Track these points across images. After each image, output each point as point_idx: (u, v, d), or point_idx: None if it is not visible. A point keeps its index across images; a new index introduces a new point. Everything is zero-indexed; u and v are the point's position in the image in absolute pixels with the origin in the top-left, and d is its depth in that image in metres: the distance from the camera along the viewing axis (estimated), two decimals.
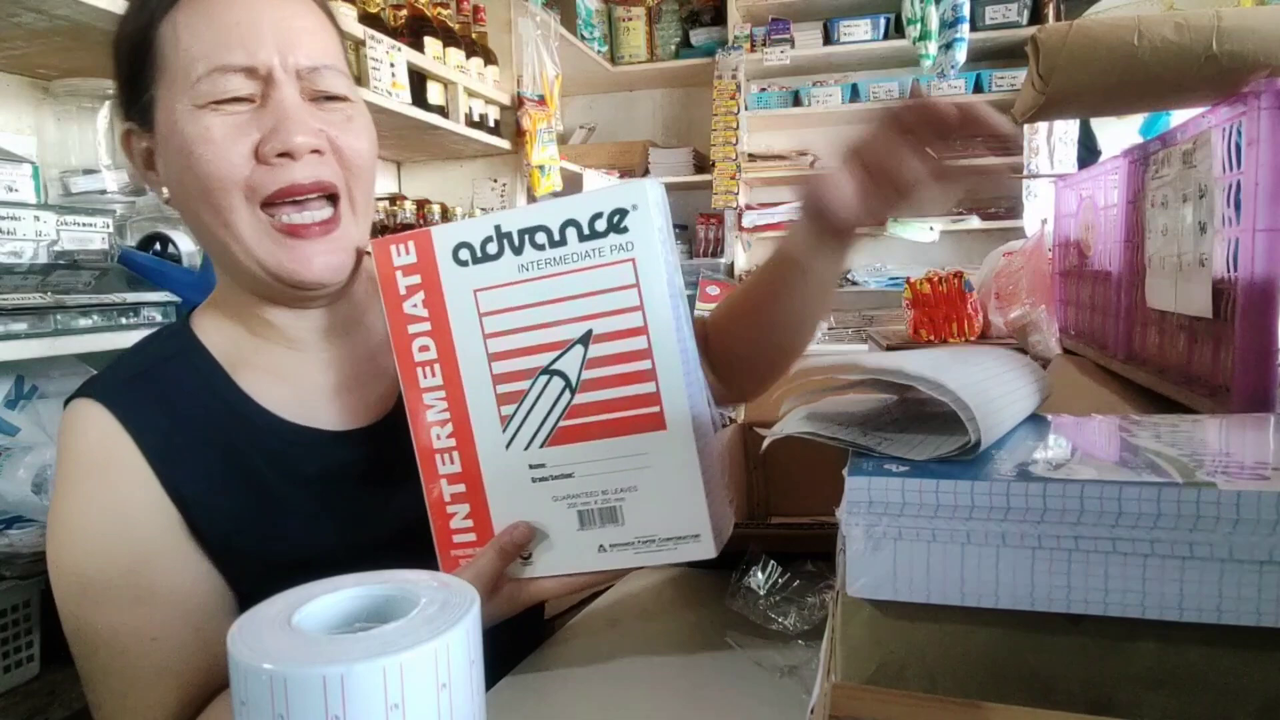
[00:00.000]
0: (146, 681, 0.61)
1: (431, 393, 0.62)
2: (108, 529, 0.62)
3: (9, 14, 1.14)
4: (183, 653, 0.62)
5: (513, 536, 0.60)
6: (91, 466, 0.63)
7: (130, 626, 0.61)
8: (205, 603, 0.64)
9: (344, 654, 0.33)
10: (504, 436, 0.60)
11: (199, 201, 0.63)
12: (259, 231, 0.63)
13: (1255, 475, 0.34)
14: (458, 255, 0.59)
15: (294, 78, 0.63)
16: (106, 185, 1.36)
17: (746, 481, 0.99)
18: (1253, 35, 0.59)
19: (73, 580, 0.61)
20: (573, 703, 0.62)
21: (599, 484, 0.59)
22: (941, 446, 0.37)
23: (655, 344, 0.56)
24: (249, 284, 0.67)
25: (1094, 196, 0.98)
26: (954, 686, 0.35)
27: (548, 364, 0.58)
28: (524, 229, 0.58)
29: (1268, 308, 0.58)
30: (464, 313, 0.60)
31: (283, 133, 0.61)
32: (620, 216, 0.56)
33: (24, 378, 1.20)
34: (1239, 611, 0.31)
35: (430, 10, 2.23)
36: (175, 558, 0.63)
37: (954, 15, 2.42)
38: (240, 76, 0.61)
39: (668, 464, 0.57)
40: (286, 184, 0.62)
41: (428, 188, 2.65)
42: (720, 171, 3.31)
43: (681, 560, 0.60)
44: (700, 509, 0.57)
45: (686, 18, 3.59)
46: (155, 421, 0.64)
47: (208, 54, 0.61)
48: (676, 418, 0.57)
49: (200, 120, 0.61)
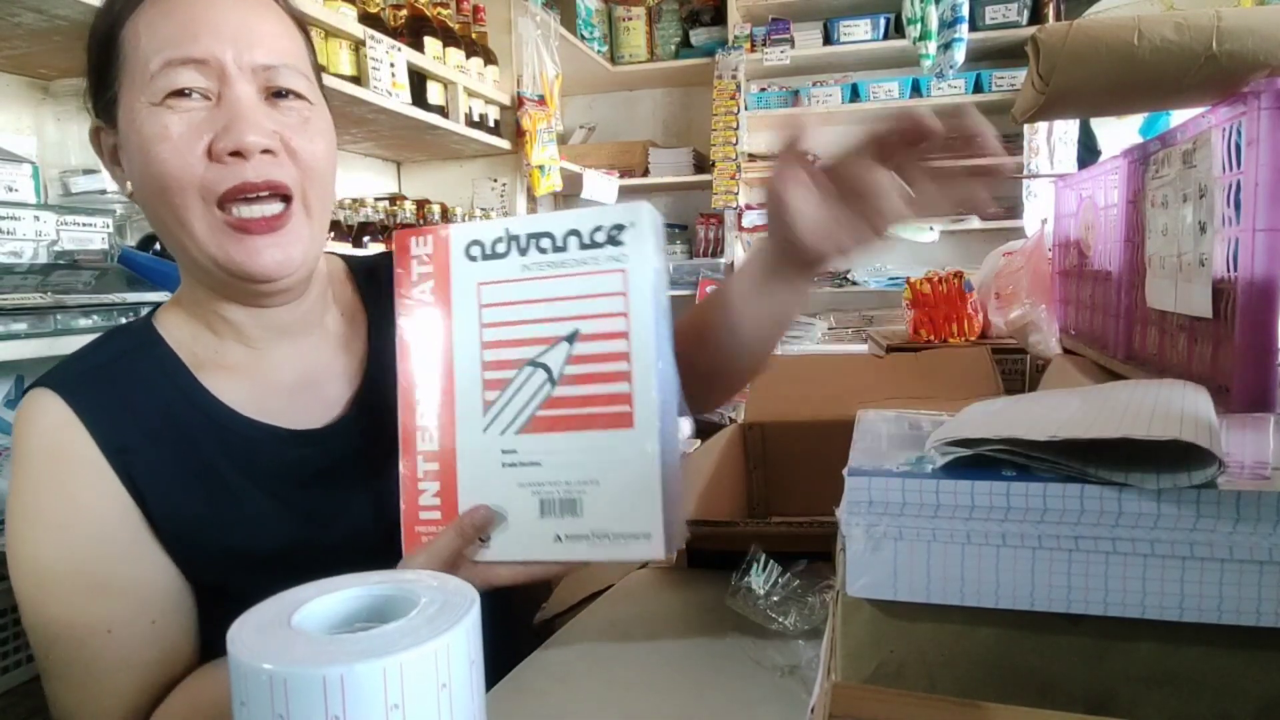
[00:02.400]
0: (104, 673, 0.62)
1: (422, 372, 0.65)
2: (63, 520, 0.62)
3: (9, 14, 1.14)
4: (140, 644, 0.63)
5: (473, 519, 0.61)
6: (46, 457, 0.63)
7: (87, 618, 0.61)
8: (162, 595, 0.65)
9: (344, 654, 0.33)
10: (484, 420, 0.63)
11: (157, 199, 0.64)
12: (212, 228, 0.63)
13: (1255, 475, 0.34)
14: (469, 251, 0.64)
15: (249, 74, 0.63)
16: (106, 185, 1.36)
17: (746, 481, 0.99)
18: (1253, 35, 0.59)
19: (29, 571, 0.62)
20: (573, 703, 0.62)
21: (564, 474, 0.61)
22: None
23: (634, 349, 0.60)
24: (206, 280, 0.68)
25: (1094, 196, 0.98)
26: (954, 686, 0.35)
27: (534, 357, 0.62)
28: (531, 233, 0.62)
29: (1268, 308, 0.57)
30: (466, 302, 0.64)
31: (234, 131, 0.61)
32: (618, 231, 0.60)
33: (24, 378, 1.21)
34: (1239, 611, 0.31)
35: (430, 10, 2.23)
36: (131, 550, 0.64)
37: (954, 15, 2.42)
38: (192, 70, 0.61)
39: (630, 461, 0.60)
40: (238, 182, 0.62)
41: (428, 188, 2.65)
42: (720, 171, 3.31)
43: (632, 559, 0.61)
44: (655, 509, 0.59)
45: (686, 18, 3.58)
46: (112, 414, 0.64)
47: (162, 48, 0.61)
48: (645, 418, 0.59)
49: (158, 119, 0.62)
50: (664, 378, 0.60)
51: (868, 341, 1.45)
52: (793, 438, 0.97)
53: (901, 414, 0.50)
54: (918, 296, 1.31)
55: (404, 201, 2.26)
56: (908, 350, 1.16)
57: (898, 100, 3.15)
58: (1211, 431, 0.33)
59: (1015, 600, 0.33)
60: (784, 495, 0.98)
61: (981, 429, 0.35)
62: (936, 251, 3.27)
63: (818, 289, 3.36)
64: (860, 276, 3.30)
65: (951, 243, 3.28)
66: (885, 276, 3.27)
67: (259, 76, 0.64)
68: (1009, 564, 0.33)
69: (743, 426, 0.98)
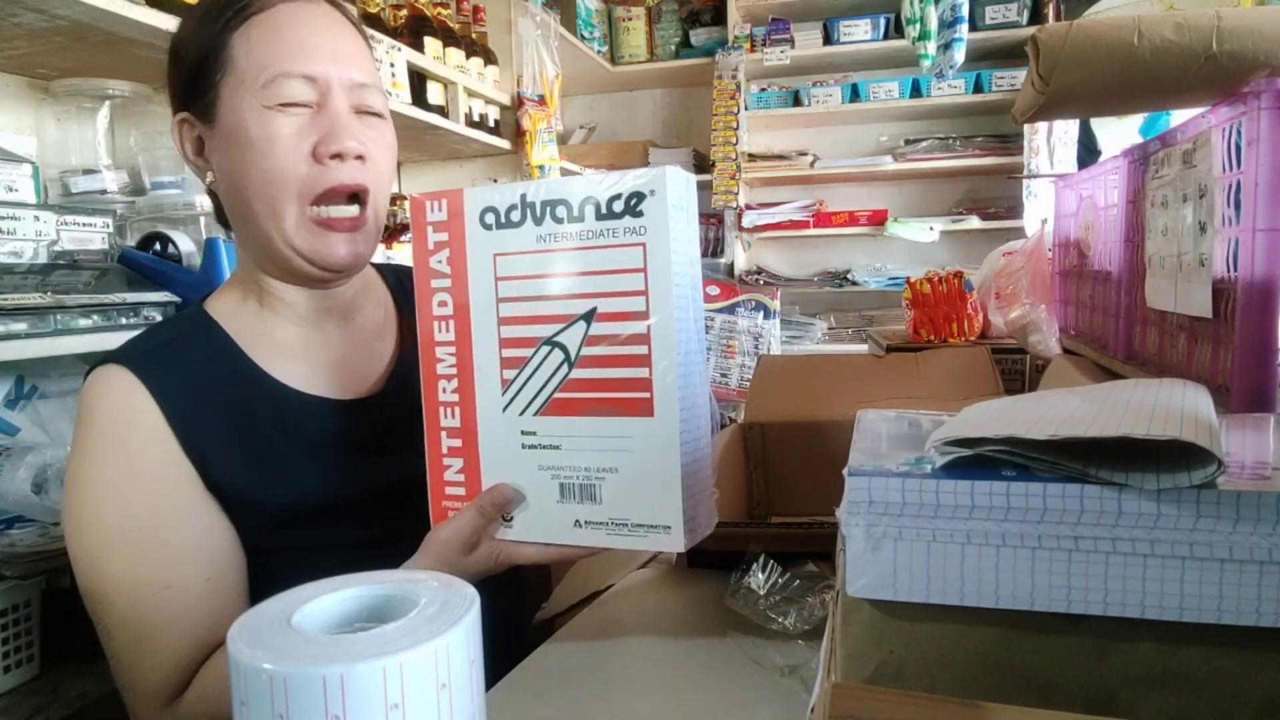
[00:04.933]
0: (159, 627, 0.66)
1: (444, 346, 0.64)
2: (126, 484, 0.67)
3: (9, 14, 1.14)
4: (194, 602, 0.67)
5: (493, 497, 0.64)
6: (114, 425, 0.68)
7: (144, 576, 0.66)
8: (216, 555, 0.70)
9: (344, 654, 0.33)
10: (503, 399, 0.62)
11: (254, 192, 0.72)
12: (301, 224, 0.72)
13: (1255, 475, 0.34)
14: (484, 219, 0.62)
15: (345, 90, 0.73)
16: (106, 185, 1.37)
17: (746, 481, 0.99)
18: (1253, 35, 0.59)
19: (92, 532, 0.66)
20: (573, 703, 0.62)
21: (583, 460, 0.60)
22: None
23: (655, 330, 0.57)
24: (280, 264, 0.75)
25: (1094, 196, 0.98)
26: (954, 686, 0.35)
27: (551, 335, 0.60)
28: (547, 200, 0.59)
29: (1268, 308, 0.57)
30: (482, 274, 0.62)
31: (337, 136, 0.71)
32: (637, 200, 0.57)
33: (24, 378, 1.21)
34: (1239, 611, 0.31)
35: (430, 10, 2.22)
36: (189, 511, 0.69)
37: (953, 15, 2.41)
38: (300, 82, 0.71)
39: (650, 451, 0.57)
40: (333, 184, 0.71)
41: (428, 187, 2.63)
42: (720, 171, 3.30)
43: (651, 549, 0.61)
44: (674, 501, 0.57)
45: (686, 18, 3.58)
46: (176, 385, 0.70)
47: (276, 61, 0.70)
48: (665, 406, 0.57)
49: (269, 121, 0.70)
50: (689, 363, 0.58)
51: (868, 341, 1.45)
52: (793, 438, 0.96)
53: (901, 414, 0.50)
54: (918, 296, 1.30)
55: (404, 201, 2.26)
56: (908, 350, 1.16)
57: (898, 100, 3.15)
58: (1211, 431, 0.33)
59: (1015, 600, 0.33)
60: (784, 495, 0.97)
61: (981, 429, 0.35)
62: (936, 251, 3.27)
63: (818, 290, 3.36)
64: (860, 276, 3.30)
65: (951, 243, 3.28)
66: (885, 276, 3.26)
67: (352, 93, 0.73)
68: (1009, 564, 0.33)
69: (743, 426, 0.98)
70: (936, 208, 3.39)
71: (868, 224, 3.28)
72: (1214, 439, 0.32)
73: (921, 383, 1.03)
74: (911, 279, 1.33)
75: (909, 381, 1.03)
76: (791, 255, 3.57)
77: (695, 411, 0.59)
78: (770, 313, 2.80)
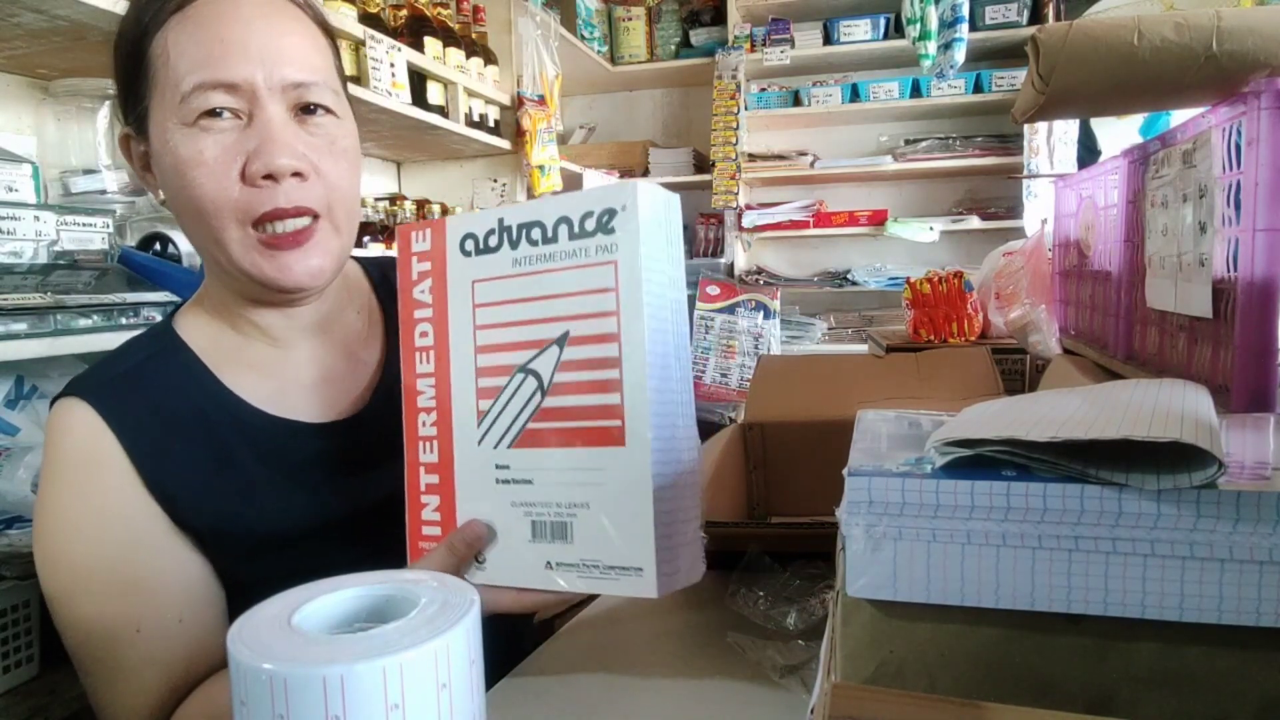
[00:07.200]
0: (133, 669, 0.64)
1: (424, 379, 0.62)
2: (94, 523, 0.64)
3: (9, 14, 1.14)
4: (167, 642, 0.65)
5: (464, 535, 0.59)
6: (78, 464, 0.65)
7: (117, 616, 0.63)
8: (189, 594, 0.67)
9: (344, 654, 0.33)
10: (478, 432, 0.59)
11: (189, 219, 0.67)
12: (246, 246, 0.66)
13: (1255, 475, 0.34)
14: (464, 246, 0.60)
15: (279, 94, 0.65)
16: (106, 185, 1.36)
17: (746, 481, 0.99)
18: (1253, 35, 0.59)
19: (62, 572, 0.64)
20: (573, 703, 0.62)
21: (555, 495, 0.56)
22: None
23: (626, 354, 0.52)
24: (235, 286, 0.70)
25: (1094, 196, 0.98)
26: (954, 686, 0.35)
27: (525, 362, 0.56)
28: (522, 224, 0.57)
29: (1268, 308, 0.57)
30: (461, 303, 0.60)
31: (266, 154, 0.63)
32: (609, 217, 0.53)
33: (24, 378, 1.20)
34: (1239, 611, 0.31)
35: (430, 10, 2.23)
36: (159, 550, 0.66)
37: (953, 15, 2.41)
38: (222, 92, 0.63)
39: (620, 484, 0.53)
40: (271, 208, 0.64)
41: (428, 188, 2.65)
42: (720, 171, 3.30)
43: (623, 594, 0.54)
44: (646, 540, 0.52)
45: (686, 18, 3.58)
46: (140, 419, 0.66)
47: (192, 70, 0.62)
48: (636, 435, 0.52)
49: (193, 141, 0.63)
50: (663, 387, 0.53)
51: (868, 341, 1.45)
52: (793, 438, 0.96)
53: (901, 414, 0.50)
54: (918, 296, 1.31)
55: (404, 201, 2.26)
56: (908, 350, 1.16)
57: (898, 100, 3.15)
58: (1211, 432, 0.33)
59: (1015, 600, 0.33)
60: (784, 495, 0.97)
61: (981, 429, 0.35)
62: (936, 251, 3.27)
63: (818, 290, 3.36)
64: (860, 276, 3.30)
65: (951, 243, 3.28)
66: (885, 276, 3.27)
67: (289, 94, 0.65)
68: (1009, 564, 0.33)
69: (743, 426, 0.98)
70: (936, 208, 3.39)
71: (868, 224, 3.28)
72: (1214, 440, 0.32)
73: (921, 383, 1.03)
74: (911, 279, 1.33)
75: (909, 381, 1.03)
76: (791, 255, 3.57)
77: (674, 445, 0.54)
78: (770, 313, 2.80)
